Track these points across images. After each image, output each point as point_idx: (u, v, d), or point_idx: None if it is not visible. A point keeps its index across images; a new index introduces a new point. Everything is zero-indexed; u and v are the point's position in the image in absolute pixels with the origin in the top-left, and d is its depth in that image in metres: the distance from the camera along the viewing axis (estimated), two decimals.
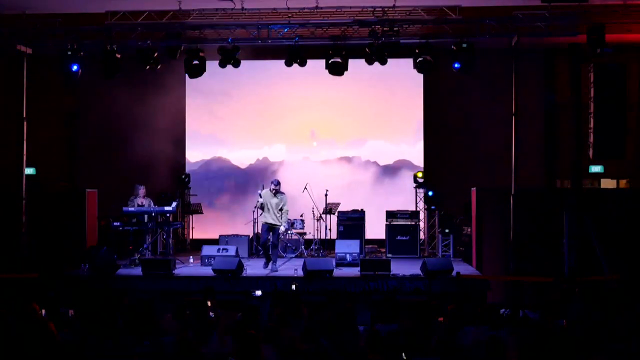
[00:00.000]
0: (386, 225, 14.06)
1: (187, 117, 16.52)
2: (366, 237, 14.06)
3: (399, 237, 13.96)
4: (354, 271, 11.59)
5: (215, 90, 16.16)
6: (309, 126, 16.32)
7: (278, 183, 11.94)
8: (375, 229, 14.53)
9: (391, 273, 11.15)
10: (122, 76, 12.91)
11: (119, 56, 12.32)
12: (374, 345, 6.26)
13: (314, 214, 13.95)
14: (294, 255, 13.62)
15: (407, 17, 12.15)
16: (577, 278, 10.88)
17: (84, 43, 12.38)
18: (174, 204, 12.97)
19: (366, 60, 12.34)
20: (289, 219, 13.53)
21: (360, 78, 15.05)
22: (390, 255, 13.69)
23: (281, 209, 11.86)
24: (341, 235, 13.86)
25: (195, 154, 16.60)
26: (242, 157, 16.46)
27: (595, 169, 15.23)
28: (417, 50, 12.17)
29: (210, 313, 7.88)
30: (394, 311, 8.16)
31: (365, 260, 11.52)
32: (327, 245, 13.97)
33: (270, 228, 11.90)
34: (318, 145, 16.33)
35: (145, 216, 12.76)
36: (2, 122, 14.58)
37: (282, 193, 11.97)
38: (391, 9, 11.97)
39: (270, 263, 11.92)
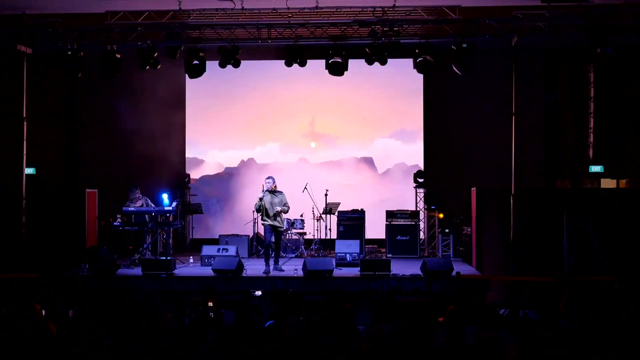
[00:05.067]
0: (386, 225, 14.07)
1: (187, 117, 16.53)
2: (366, 237, 14.06)
3: (399, 237, 13.96)
4: (354, 271, 11.58)
5: (215, 90, 16.17)
6: (309, 126, 16.34)
7: (273, 180, 11.74)
8: (375, 229, 14.53)
9: (391, 273, 11.15)
10: (122, 76, 12.91)
11: (119, 56, 12.32)
12: (374, 346, 6.26)
13: (314, 213, 13.95)
14: (294, 255, 13.62)
15: (407, 17, 12.15)
16: (577, 278, 10.88)
17: (84, 43, 12.38)
18: (174, 204, 12.97)
19: (366, 60, 12.34)
20: (288, 219, 13.55)
21: (360, 78, 15.06)
22: (390, 255, 13.69)
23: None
24: (341, 235, 13.86)
25: (195, 153, 16.61)
26: (242, 156, 16.46)
27: (595, 169, 15.22)
28: (417, 50, 12.17)
29: (210, 313, 7.89)
30: (394, 311, 8.15)
31: (365, 260, 11.51)
32: (327, 245, 13.97)
33: (273, 230, 11.74)
34: (317, 145, 16.33)
35: (146, 216, 12.76)
36: (2, 122, 14.57)
37: (281, 192, 11.79)
38: (391, 9, 11.97)
39: (272, 265, 11.72)
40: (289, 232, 13.84)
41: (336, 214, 14.16)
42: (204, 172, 16.54)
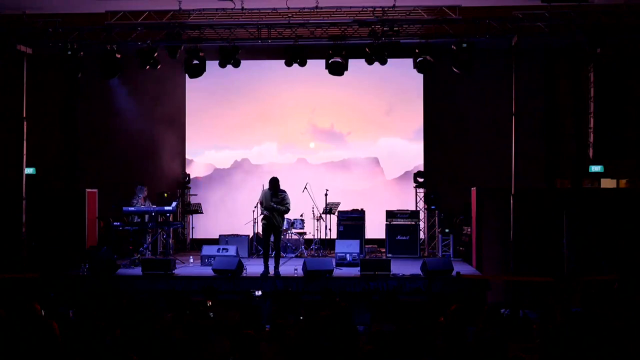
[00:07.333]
0: (386, 225, 14.07)
1: (187, 117, 16.52)
2: (366, 237, 14.06)
3: (399, 237, 13.97)
4: (354, 271, 11.58)
5: (215, 90, 16.16)
6: (308, 126, 16.33)
7: (277, 181, 11.47)
8: (375, 229, 14.53)
9: (391, 273, 11.14)
10: (122, 76, 12.89)
11: (119, 56, 12.32)
12: (374, 346, 6.25)
13: (314, 213, 13.94)
14: (294, 255, 13.62)
15: (407, 17, 12.15)
16: (577, 278, 10.88)
17: (84, 43, 12.38)
18: (174, 203, 12.97)
19: (366, 60, 12.34)
20: (288, 219, 13.52)
21: (360, 78, 15.06)
22: (390, 255, 13.69)
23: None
24: (341, 235, 13.86)
25: (195, 153, 16.60)
26: (237, 157, 16.46)
27: (595, 169, 15.22)
28: (417, 50, 12.17)
29: (210, 313, 7.89)
30: (394, 311, 8.15)
31: (365, 260, 11.51)
32: (327, 245, 13.97)
33: (271, 229, 11.54)
34: (316, 145, 16.33)
35: (146, 216, 12.76)
36: (2, 122, 14.57)
37: (283, 191, 11.52)
38: (391, 9, 11.97)
39: (272, 267, 11.49)
40: (289, 232, 13.84)
41: (336, 213, 14.16)
42: (203, 172, 16.54)
